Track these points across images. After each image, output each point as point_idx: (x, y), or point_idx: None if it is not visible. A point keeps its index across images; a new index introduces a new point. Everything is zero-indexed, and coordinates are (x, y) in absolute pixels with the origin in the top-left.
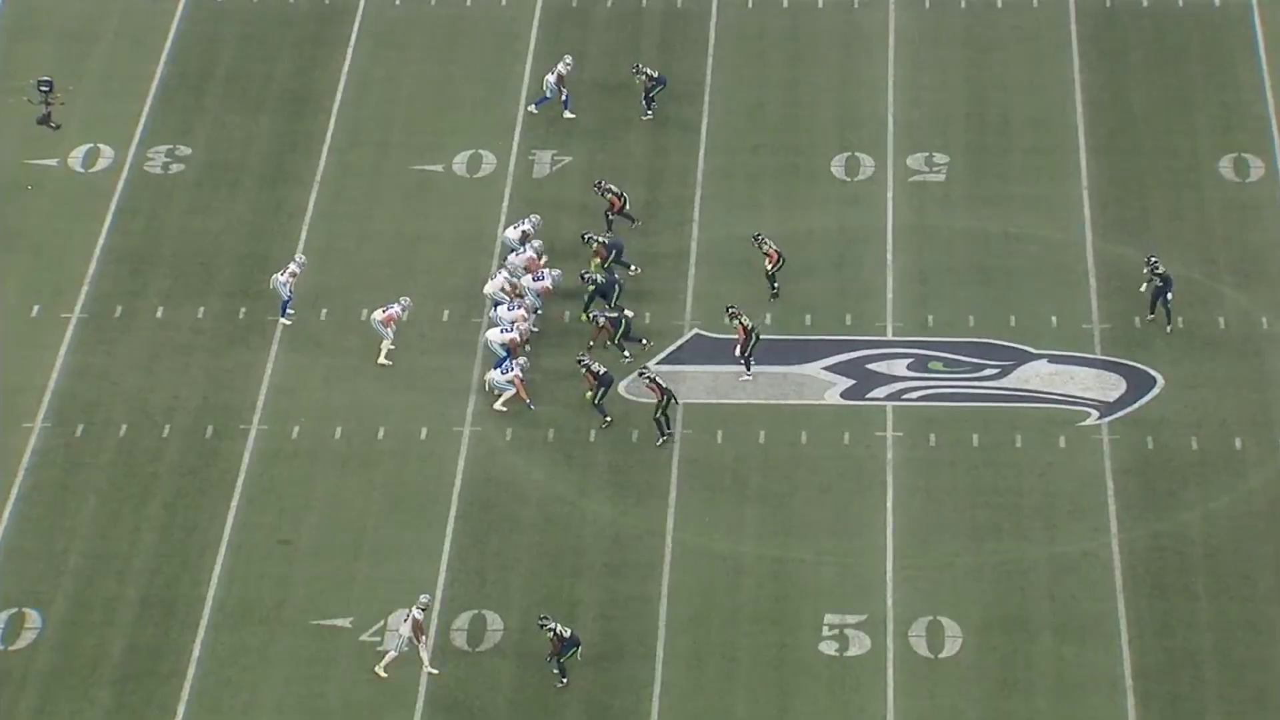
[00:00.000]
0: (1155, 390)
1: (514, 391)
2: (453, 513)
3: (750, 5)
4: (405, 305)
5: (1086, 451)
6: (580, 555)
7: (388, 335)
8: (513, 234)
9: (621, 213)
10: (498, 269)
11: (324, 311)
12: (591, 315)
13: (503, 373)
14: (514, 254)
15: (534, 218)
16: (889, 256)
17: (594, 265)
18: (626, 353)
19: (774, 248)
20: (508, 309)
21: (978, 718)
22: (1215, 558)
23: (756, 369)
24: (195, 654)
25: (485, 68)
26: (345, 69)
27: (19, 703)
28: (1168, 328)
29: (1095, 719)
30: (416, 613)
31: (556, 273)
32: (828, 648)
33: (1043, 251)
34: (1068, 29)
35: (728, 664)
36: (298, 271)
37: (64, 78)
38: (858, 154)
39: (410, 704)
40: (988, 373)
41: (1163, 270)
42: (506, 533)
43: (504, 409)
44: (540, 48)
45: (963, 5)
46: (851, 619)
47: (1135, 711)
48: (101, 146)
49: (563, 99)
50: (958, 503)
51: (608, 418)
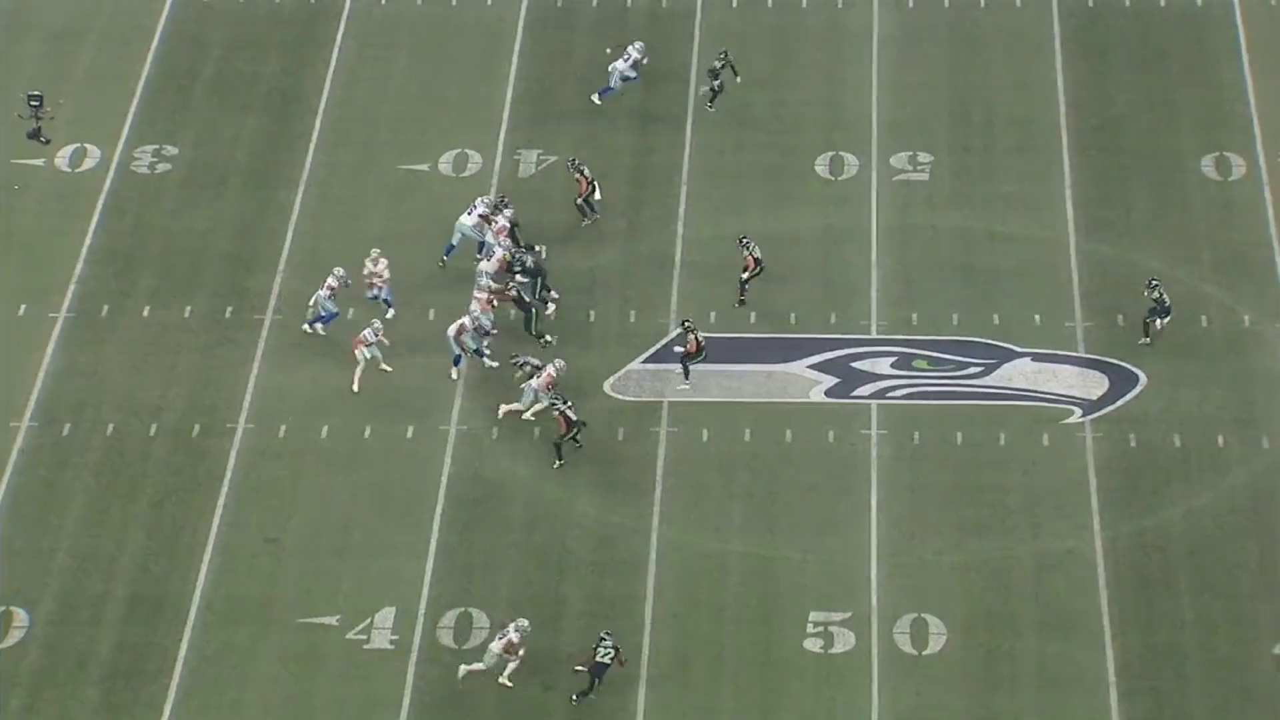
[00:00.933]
0: (1138, 388)
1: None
2: (439, 511)
3: (735, 5)
4: (375, 329)
5: (1070, 449)
6: (566, 553)
7: (363, 357)
8: (468, 220)
9: (586, 200)
10: (475, 292)
11: (310, 310)
12: (510, 285)
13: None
14: (483, 263)
15: (486, 198)
16: (873, 255)
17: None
18: (546, 338)
19: (756, 255)
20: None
21: (962, 714)
22: (1198, 554)
23: (742, 367)
24: (183, 652)
25: (471, 68)
26: (331, 69)
27: (8, 701)
28: (1145, 338)
29: (1079, 715)
30: (513, 634)
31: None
32: (813, 645)
33: (1026, 250)
34: (1051, 28)
35: (713, 661)
36: (335, 286)
37: (51, 77)
38: (842, 153)
39: (397, 701)
40: (971, 371)
41: (1160, 294)
42: (493, 531)
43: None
44: (525, 48)
45: (946, 4)
46: (836, 616)
47: (1119, 707)
48: (88, 146)
49: (611, 87)
50: (942, 500)
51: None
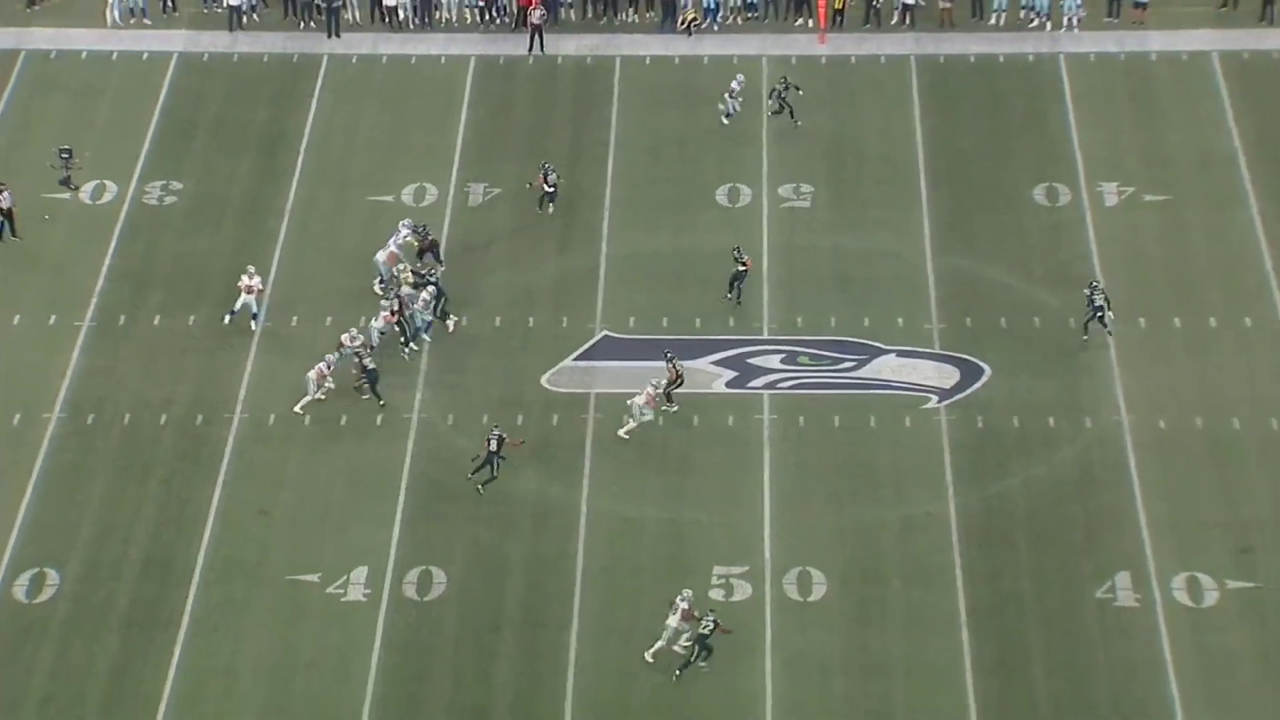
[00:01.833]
0: (984, 379)
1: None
2: (403, 486)
3: (648, 62)
4: (329, 362)
5: (928, 430)
6: (510, 520)
7: (315, 389)
8: (381, 256)
9: (550, 196)
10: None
11: (294, 319)
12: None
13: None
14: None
15: (404, 227)
16: (765, 269)
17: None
18: (413, 345)
19: (748, 258)
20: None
21: (841, 650)
22: (1034, 516)
23: (656, 364)
24: (188, 605)
25: (428, 115)
26: (311, 116)
27: (42, 646)
28: (1108, 331)
29: (937, 650)
30: (682, 604)
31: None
32: (717, 594)
33: (891, 265)
34: (910, 82)
35: (633, 609)
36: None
37: (76, 126)
38: (738, 185)
39: (369, 644)
40: (846, 365)
41: (1100, 298)
42: (448, 502)
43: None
44: (473, 98)
45: (823, 62)
46: (736, 570)
47: (969, 643)
48: (107, 182)
49: (736, 110)
50: (823, 473)
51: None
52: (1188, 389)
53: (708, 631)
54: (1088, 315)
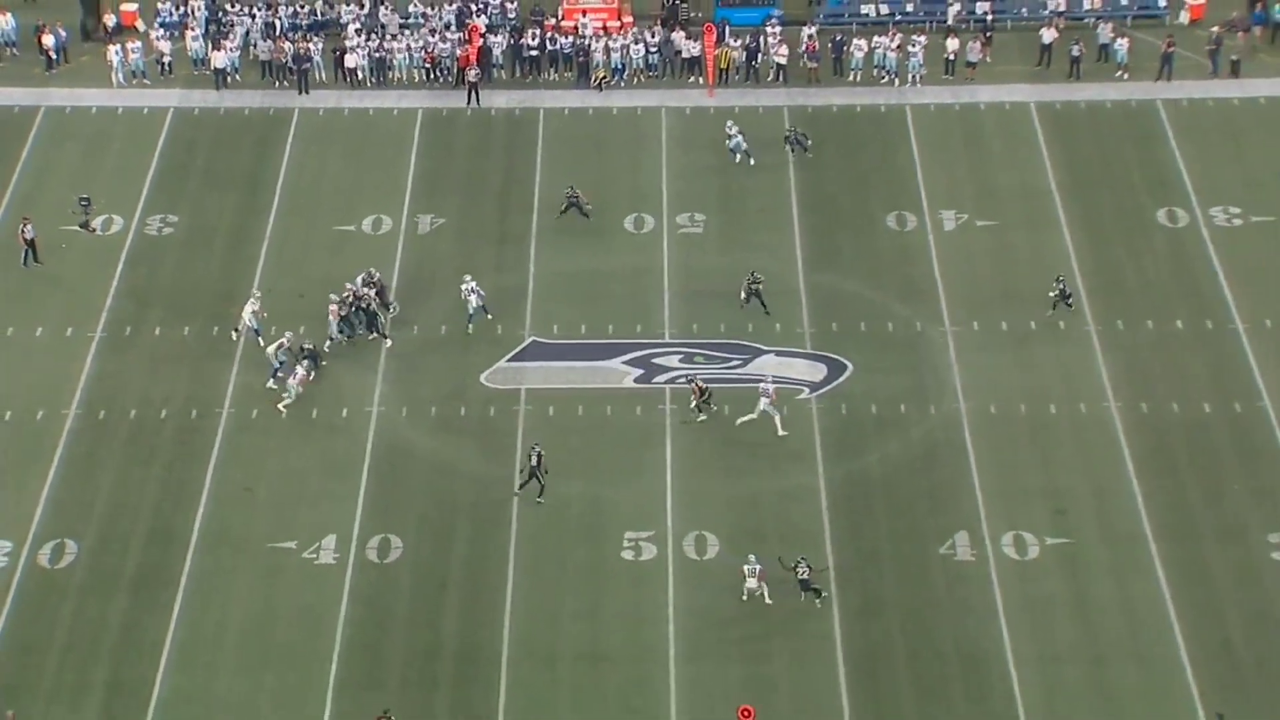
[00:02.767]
0: (847, 374)
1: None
2: (365, 468)
3: (566, 114)
4: (298, 376)
5: (802, 416)
6: (455, 496)
7: (291, 392)
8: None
9: (580, 208)
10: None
11: (272, 330)
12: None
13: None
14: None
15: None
16: (665, 284)
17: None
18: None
19: (761, 278)
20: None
21: (729, 602)
22: (889, 487)
23: (576, 363)
24: (186, 569)
25: (383, 158)
26: (285, 160)
27: (63, 605)
28: (1050, 311)
29: (809, 600)
30: (753, 569)
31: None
32: (628, 555)
33: (770, 280)
34: (782, 130)
35: (558, 568)
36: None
37: (87, 169)
38: (643, 214)
39: (338, 601)
40: (734, 363)
41: (1063, 287)
42: (404, 481)
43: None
44: (421, 145)
45: (711, 112)
46: (643, 534)
47: (837, 595)
48: (114, 216)
49: (745, 150)
50: (715, 453)
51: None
52: (1013, 380)
53: (805, 576)
54: (1053, 300)
